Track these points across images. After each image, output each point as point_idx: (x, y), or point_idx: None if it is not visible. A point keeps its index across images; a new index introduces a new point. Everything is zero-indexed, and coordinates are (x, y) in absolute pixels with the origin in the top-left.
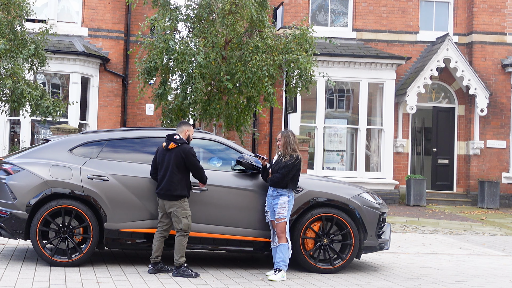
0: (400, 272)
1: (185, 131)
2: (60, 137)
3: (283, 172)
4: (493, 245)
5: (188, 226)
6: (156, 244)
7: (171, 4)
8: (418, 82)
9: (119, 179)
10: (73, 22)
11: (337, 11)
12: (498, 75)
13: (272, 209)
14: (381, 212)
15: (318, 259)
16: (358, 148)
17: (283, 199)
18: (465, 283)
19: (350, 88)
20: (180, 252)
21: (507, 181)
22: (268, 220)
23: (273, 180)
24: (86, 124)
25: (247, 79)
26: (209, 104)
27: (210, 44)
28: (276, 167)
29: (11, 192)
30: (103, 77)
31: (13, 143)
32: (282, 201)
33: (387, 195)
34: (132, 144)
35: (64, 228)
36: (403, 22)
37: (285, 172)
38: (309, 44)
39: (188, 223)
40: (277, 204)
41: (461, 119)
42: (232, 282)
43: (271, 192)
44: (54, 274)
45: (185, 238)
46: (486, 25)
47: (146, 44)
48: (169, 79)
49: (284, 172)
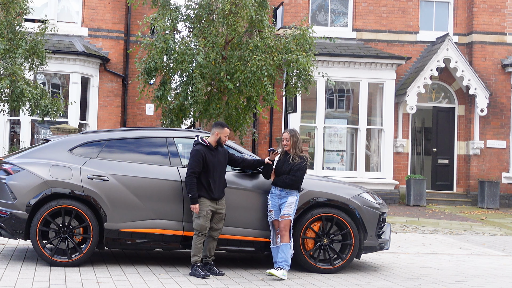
0: (400, 272)
1: (215, 133)
2: (60, 137)
3: (298, 175)
4: (493, 245)
5: (199, 226)
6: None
7: (171, 4)
8: (418, 82)
9: (119, 179)
10: (73, 22)
11: (337, 11)
12: (498, 75)
13: (277, 208)
14: (381, 212)
15: (318, 259)
16: (358, 148)
17: (292, 198)
18: (465, 283)
19: (350, 88)
20: (193, 251)
21: (507, 181)
22: (272, 219)
23: (286, 182)
24: (86, 124)
25: (246, 79)
26: (209, 104)
27: (210, 44)
28: (285, 167)
29: (11, 192)
30: (103, 77)
31: (13, 143)
32: (291, 200)
33: (387, 195)
34: (132, 144)
35: (64, 228)
36: (403, 22)
37: (300, 175)
38: (308, 45)
39: (199, 223)
40: (285, 203)
41: (461, 119)
42: (232, 282)
43: (278, 192)
44: (54, 274)
45: (198, 237)
46: (486, 25)
47: (145, 44)
48: (169, 79)
49: (300, 175)
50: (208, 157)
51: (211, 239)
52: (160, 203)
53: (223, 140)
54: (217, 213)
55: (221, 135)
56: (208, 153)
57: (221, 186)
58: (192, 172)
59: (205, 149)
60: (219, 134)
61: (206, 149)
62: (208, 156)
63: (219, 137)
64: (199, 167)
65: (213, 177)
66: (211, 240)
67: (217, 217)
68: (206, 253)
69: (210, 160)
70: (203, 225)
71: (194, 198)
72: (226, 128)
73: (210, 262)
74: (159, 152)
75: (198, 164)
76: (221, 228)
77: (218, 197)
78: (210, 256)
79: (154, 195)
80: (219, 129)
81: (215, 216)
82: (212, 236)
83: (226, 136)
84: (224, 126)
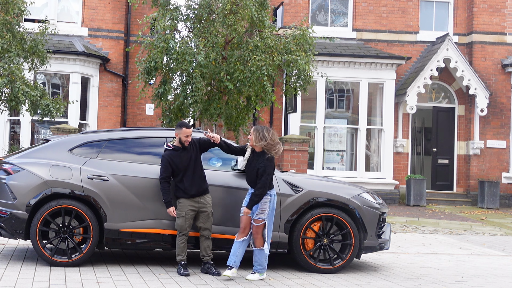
0: (400, 272)
1: (176, 134)
2: (60, 137)
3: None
4: (493, 245)
5: (179, 226)
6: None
7: (171, 4)
8: (418, 82)
9: (119, 179)
10: (73, 22)
11: (337, 11)
12: (498, 75)
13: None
14: (381, 212)
15: (318, 259)
16: (358, 148)
17: (265, 199)
18: (465, 283)
19: (350, 88)
20: (176, 251)
21: (507, 181)
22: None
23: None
24: (86, 124)
25: (245, 79)
26: (209, 104)
27: (210, 44)
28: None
29: (11, 192)
30: (103, 77)
31: (12, 143)
32: (264, 201)
33: (387, 195)
34: (132, 144)
35: (64, 228)
36: (403, 22)
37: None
38: (308, 45)
39: (178, 224)
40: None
41: (461, 119)
42: (232, 282)
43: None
44: (54, 274)
45: (179, 237)
46: (486, 25)
47: (146, 44)
48: (169, 79)
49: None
50: (175, 160)
51: (204, 238)
52: (160, 203)
53: (183, 140)
54: (201, 212)
55: (181, 135)
56: (174, 156)
57: (199, 182)
58: (161, 178)
59: (170, 153)
60: (178, 135)
61: (172, 153)
62: (175, 159)
63: (179, 138)
64: (167, 172)
65: (187, 176)
66: (204, 240)
67: (202, 215)
68: (203, 252)
69: (178, 162)
70: (182, 225)
71: (167, 202)
72: (185, 128)
73: (208, 262)
74: (159, 152)
75: (166, 169)
76: (210, 226)
77: (196, 194)
78: (207, 256)
79: (154, 195)
80: (178, 130)
81: (201, 215)
82: (204, 235)
83: (186, 136)
84: (183, 126)
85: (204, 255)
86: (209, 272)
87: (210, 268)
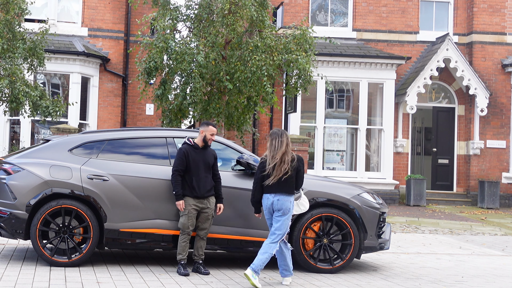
0: (400, 272)
1: (201, 131)
2: (60, 137)
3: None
4: (493, 245)
5: (182, 225)
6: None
7: (171, 4)
8: (418, 82)
9: (119, 179)
10: (73, 22)
11: (337, 11)
12: (498, 75)
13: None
14: (381, 212)
15: (318, 259)
16: (358, 148)
17: None
18: (465, 283)
19: (350, 88)
20: (177, 250)
21: (507, 181)
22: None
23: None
24: (86, 124)
25: (246, 79)
26: (209, 104)
27: (210, 44)
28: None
29: (11, 192)
30: (103, 77)
31: (13, 143)
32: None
33: (387, 195)
34: (132, 144)
35: (64, 228)
36: (403, 22)
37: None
38: (308, 45)
39: (182, 222)
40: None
41: (461, 119)
42: (232, 282)
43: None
44: (54, 274)
45: (182, 236)
46: (486, 25)
47: (145, 44)
48: (169, 79)
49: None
50: (191, 155)
51: (199, 238)
52: (160, 203)
53: (208, 138)
54: (202, 212)
55: (206, 133)
56: (192, 151)
57: (206, 185)
58: (175, 170)
59: (188, 148)
60: (204, 132)
61: (190, 148)
62: (191, 154)
63: (204, 135)
64: (182, 165)
65: (197, 176)
66: (199, 240)
67: (202, 216)
68: (195, 252)
69: (193, 158)
70: (185, 224)
71: (178, 195)
72: (212, 127)
73: (198, 261)
74: (159, 152)
75: (181, 162)
76: (207, 228)
77: (202, 196)
78: (198, 256)
79: (154, 195)
80: (204, 127)
81: (201, 215)
82: (199, 235)
83: (211, 134)
84: (209, 124)
85: (196, 255)
86: (198, 271)
87: (199, 268)
